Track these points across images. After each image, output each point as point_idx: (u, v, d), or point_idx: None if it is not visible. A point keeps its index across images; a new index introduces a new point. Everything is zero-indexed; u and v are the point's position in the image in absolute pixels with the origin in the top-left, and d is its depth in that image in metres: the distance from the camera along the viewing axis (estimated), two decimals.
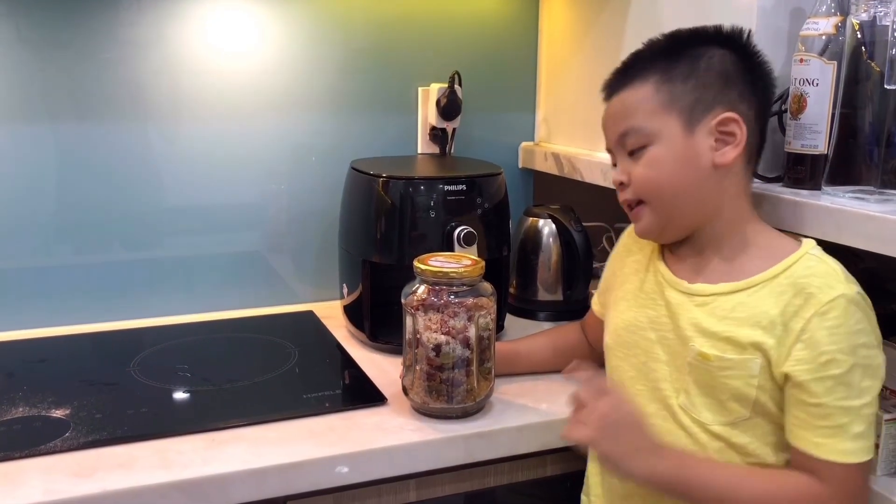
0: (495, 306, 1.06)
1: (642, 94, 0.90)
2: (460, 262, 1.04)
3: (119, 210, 1.37)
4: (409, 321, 1.04)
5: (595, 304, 1.14)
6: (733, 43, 0.92)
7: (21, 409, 1.05)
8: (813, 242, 0.88)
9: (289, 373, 1.19)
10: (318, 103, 1.46)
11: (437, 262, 1.04)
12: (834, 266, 0.84)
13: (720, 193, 0.90)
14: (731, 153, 0.88)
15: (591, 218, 1.55)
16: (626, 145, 0.92)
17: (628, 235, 1.06)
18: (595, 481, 1.01)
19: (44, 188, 1.33)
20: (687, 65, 0.89)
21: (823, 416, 0.81)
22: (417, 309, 1.02)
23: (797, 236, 0.90)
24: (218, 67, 1.39)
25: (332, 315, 1.41)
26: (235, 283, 1.46)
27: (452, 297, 1.02)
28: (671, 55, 0.91)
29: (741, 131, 0.88)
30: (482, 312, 1.03)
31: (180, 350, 1.28)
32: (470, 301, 1.02)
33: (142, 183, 1.38)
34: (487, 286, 1.05)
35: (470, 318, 1.02)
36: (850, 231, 0.88)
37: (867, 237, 0.86)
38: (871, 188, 0.91)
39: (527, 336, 1.24)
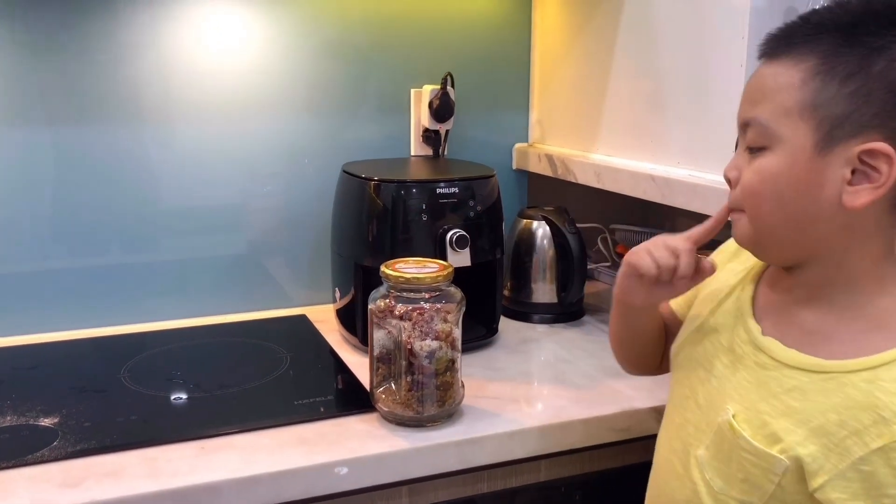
0: (464, 308, 1.05)
1: (786, 81, 0.70)
2: (426, 266, 1.03)
3: (113, 212, 1.36)
4: (381, 333, 1.02)
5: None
6: None
7: (9, 418, 1.04)
8: None
9: (281, 378, 1.18)
10: (311, 106, 1.45)
11: (408, 269, 1.02)
12: None
13: (844, 235, 0.71)
14: (866, 196, 0.68)
15: (586, 219, 1.55)
16: (746, 136, 0.74)
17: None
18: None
19: (39, 191, 1.32)
20: (858, 58, 0.67)
21: None
22: (395, 317, 1.00)
23: None
24: (212, 69, 1.38)
25: (326, 319, 1.41)
26: (228, 287, 1.46)
27: (425, 303, 1.01)
28: (848, 33, 0.69)
29: (889, 172, 0.67)
30: (459, 315, 1.04)
31: (172, 355, 1.28)
32: (444, 305, 1.01)
33: (136, 185, 1.37)
34: (455, 290, 1.04)
35: (447, 321, 1.01)
36: None
37: None
38: None
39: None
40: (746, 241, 0.78)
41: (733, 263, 0.87)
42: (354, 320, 1.27)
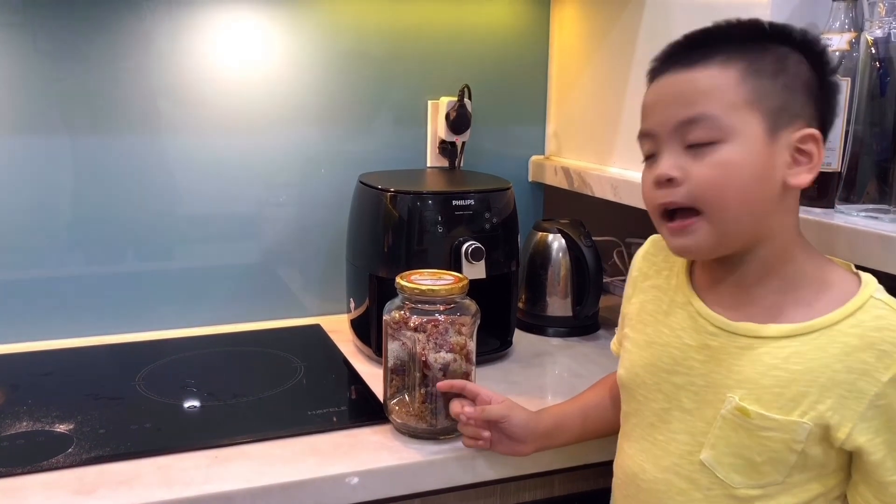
0: (479, 321, 1.04)
1: (724, 80, 0.75)
2: (441, 278, 1.03)
3: (129, 221, 1.37)
4: (395, 345, 1.02)
5: (614, 345, 1.00)
6: (812, 52, 0.78)
7: (25, 424, 1.04)
8: (874, 281, 0.77)
9: (295, 388, 1.18)
10: (328, 116, 1.46)
11: (423, 280, 1.02)
12: None
13: (776, 214, 0.77)
14: (807, 176, 0.76)
15: (602, 232, 1.54)
16: (685, 135, 0.76)
17: (642, 258, 0.93)
18: None
19: (57, 198, 1.33)
20: (774, 62, 0.76)
21: None
22: (410, 329, 1.00)
23: (849, 266, 0.80)
24: (230, 79, 1.38)
25: (340, 329, 1.41)
26: (243, 296, 1.46)
27: (440, 315, 1.00)
28: (755, 45, 0.77)
29: (818, 154, 0.75)
30: (474, 328, 1.03)
31: (186, 364, 1.28)
32: (458, 317, 1.01)
33: (153, 194, 1.38)
34: (470, 302, 1.04)
35: (462, 333, 1.01)
36: (863, 251, 0.86)
37: (880, 257, 0.84)
38: (885, 207, 0.90)
39: (551, 407, 1.03)
40: (701, 247, 0.78)
41: (648, 282, 0.90)
42: (369, 331, 1.27)
